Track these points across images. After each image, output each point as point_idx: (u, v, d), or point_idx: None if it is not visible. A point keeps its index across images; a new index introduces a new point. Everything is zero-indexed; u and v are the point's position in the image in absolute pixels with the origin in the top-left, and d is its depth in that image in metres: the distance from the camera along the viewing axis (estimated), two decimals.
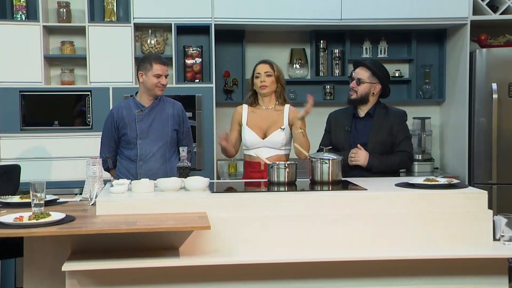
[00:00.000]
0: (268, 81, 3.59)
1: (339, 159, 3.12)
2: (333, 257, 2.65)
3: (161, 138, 3.67)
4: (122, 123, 3.66)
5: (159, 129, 3.66)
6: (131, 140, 3.65)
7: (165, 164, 3.67)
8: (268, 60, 3.70)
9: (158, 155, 3.66)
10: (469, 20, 4.81)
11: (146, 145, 3.65)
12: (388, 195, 2.83)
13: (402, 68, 5.32)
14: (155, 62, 3.62)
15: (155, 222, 2.50)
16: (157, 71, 3.61)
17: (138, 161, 3.65)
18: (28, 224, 2.44)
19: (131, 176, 3.58)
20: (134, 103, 3.70)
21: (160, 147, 3.66)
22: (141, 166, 3.65)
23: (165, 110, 3.71)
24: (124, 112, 3.68)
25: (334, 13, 4.76)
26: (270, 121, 3.59)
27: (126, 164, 3.69)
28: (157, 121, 3.67)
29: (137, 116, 3.66)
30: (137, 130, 3.64)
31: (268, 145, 3.54)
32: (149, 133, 3.65)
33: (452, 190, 2.91)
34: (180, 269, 2.59)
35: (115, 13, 4.77)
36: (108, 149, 3.74)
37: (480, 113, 4.78)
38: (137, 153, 3.65)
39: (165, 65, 3.66)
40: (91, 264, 2.48)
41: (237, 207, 2.73)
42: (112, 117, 3.71)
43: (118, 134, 3.69)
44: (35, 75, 4.56)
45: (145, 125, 3.65)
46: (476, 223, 2.80)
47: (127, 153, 3.69)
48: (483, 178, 4.78)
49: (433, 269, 2.75)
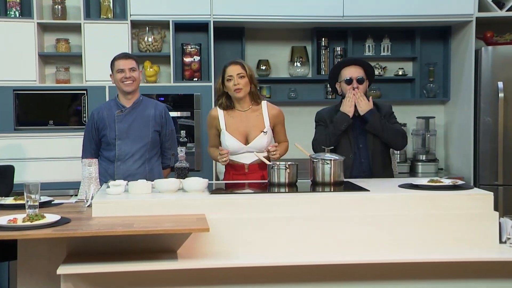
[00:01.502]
0: (242, 83, 3.47)
1: (341, 160, 3.12)
2: (335, 260, 2.65)
3: (141, 139, 3.69)
4: (102, 124, 3.70)
5: (139, 130, 3.69)
6: (110, 141, 3.68)
7: (144, 165, 3.69)
8: (239, 60, 3.58)
9: (137, 156, 3.68)
10: (474, 17, 4.81)
11: (124, 145, 3.67)
12: (391, 197, 2.83)
13: (405, 66, 5.32)
14: (116, 59, 3.71)
15: (153, 224, 2.50)
16: (119, 66, 3.66)
17: (116, 161, 3.68)
18: (22, 226, 2.44)
19: (109, 176, 3.60)
20: (115, 103, 3.74)
21: (140, 148, 3.69)
22: (119, 166, 3.68)
23: (147, 111, 3.72)
24: (104, 113, 3.72)
25: (336, 10, 4.76)
26: (250, 125, 3.52)
27: (104, 165, 3.70)
28: (137, 122, 3.69)
29: (117, 116, 3.69)
30: (116, 130, 3.67)
31: (252, 150, 3.47)
32: (128, 134, 3.68)
33: (457, 191, 2.91)
34: (178, 273, 2.59)
35: (112, 9, 4.77)
36: (90, 151, 3.76)
37: (486, 112, 4.78)
38: (115, 154, 3.68)
39: (128, 59, 3.69)
40: (87, 267, 2.48)
41: (236, 209, 2.73)
42: (93, 118, 3.74)
43: (98, 135, 3.72)
44: (30, 73, 4.57)
45: (124, 126, 3.68)
46: (482, 225, 2.80)
47: (106, 154, 3.72)
48: (489, 179, 4.78)
49: (437, 273, 2.75)
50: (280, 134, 3.62)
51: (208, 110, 4.62)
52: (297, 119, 4.85)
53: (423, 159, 5.13)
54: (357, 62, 3.66)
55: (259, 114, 3.56)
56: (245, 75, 3.49)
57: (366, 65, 3.65)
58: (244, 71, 3.49)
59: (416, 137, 5.22)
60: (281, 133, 3.62)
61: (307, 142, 3.67)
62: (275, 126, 3.58)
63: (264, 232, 2.71)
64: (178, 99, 4.69)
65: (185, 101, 4.68)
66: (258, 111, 3.56)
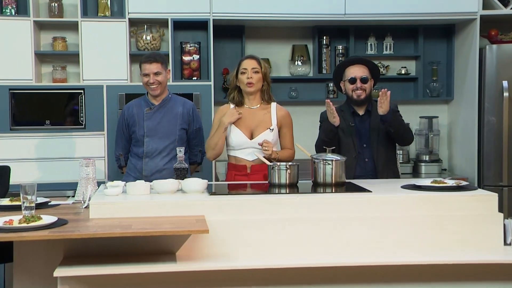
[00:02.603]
0: (255, 78, 3.51)
1: (343, 160, 3.12)
2: (336, 262, 2.66)
3: (168, 137, 3.82)
4: (132, 121, 3.85)
5: (167, 127, 3.82)
6: (139, 138, 3.83)
7: (172, 161, 3.75)
8: (255, 56, 3.63)
9: (165, 152, 3.82)
10: (478, 15, 4.81)
11: (152, 142, 3.81)
12: (394, 198, 2.84)
13: (408, 65, 5.32)
14: (142, 61, 3.81)
15: (151, 225, 2.50)
16: (144, 70, 3.78)
17: (144, 158, 3.82)
18: (18, 228, 2.45)
19: (137, 172, 3.81)
20: (145, 101, 3.88)
21: (167, 145, 3.81)
22: (147, 163, 3.82)
23: (175, 108, 3.86)
24: (134, 110, 3.87)
25: (338, 8, 4.76)
26: (257, 121, 3.55)
27: (134, 161, 3.88)
28: (165, 120, 3.83)
29: (146, 114, 3.82)
30: (145, 127, 3.80)
31: (256, 146, 3.48)
32: (157, 131, 3.81)
33: (461, 192, 2.91)
34: (177, 275, 2.59)
35: (109, 7, 4.77)
36: (121, 147, 3.96)
37: (490, 112, 4.79)
38: (144, 150, 3.81)
39: (152, 63, 3.76)
40: (84, 270, 2.48)
41: (236, 210, 2.74)
42: (123, 115, 3.91)
43: (128, 132, 3.89)
44: (26, 72, 4.57)
45: (153, 123, 3.81)
46: (486, 227, 2.81)
47: (135, 151, 3.88)
48: (493, 180, 4.78)
49: (441, 275, 2.75)
50: (286, 138, 3.60)
51: (207, 110, 4.68)
52: (298, 119, 4.82)
53: (426, 159, 5.13)
54: (361, 61, 3.67)
55: (267, 112, 3.58)
56: (259, 71, 3.53)
57: (371, 64, 3.66)
58: (259, 66, 3.54)
59: (419, 137, 5.22)
60: (286, 137, 3.60)
61: (308, 142, 3.67)
62: (281, 127, 3.58)
63: (265, 233, 2.71)
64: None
65: None
66: (266, 110, 3.59)
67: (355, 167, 3.53)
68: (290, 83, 5.22)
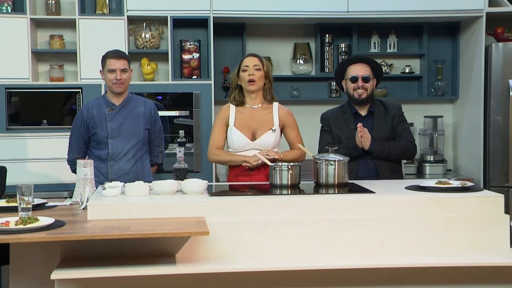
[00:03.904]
0: (257, 75, 3.51)
1: (346, 160, 3.13)
2: (339, 264, 2.66)
3: (133, 137, 3.76)
4: (92, 123, 3.74)
5: (130, 128, 3.75)
6: (102, 140, 3.74)
7: (137, 163, 3.75)
8: (257, 54, 3.64)
9: (130, 154, 3.76)
10: (484, 12, 4.81)
11: (117, 144, 3.73)
12: (397, 199, 2.84)
13: (412, 63, 5.32)
14: (108, 56, 3.72)
15: (150, 227, 2.50)
16: (110, 66, 3.68)
17: (109, 160, 3.74)
18: (15, 230, 2.45)
19: (102, 175, 3.67)
20: (105, 101, 3.78)
21: (132, 147, 3.76)
22: (112, 165, 3.74)
23: (137, 108, 3.79)
24: (94, 111, 3.76)
25: (340, 5, 4.76)
26: (259, 122, 3.54)
27: (96, 164, 3.69)
28: (128, 120, 3.76)
29: (108, 115, 3.74)
30: (108, 129, 3.72)
31: (258, 147, 3.48)
32: (120, 132, 3.74)
33: (466, 193, 2.91)
34: (176, 277, 2.59)
35: (107, 5, 4.78)
36: (77, 149, 3.80)
37: (496, 111, 4.79)
38: (109, 153, 3.73)
39: (120, 59, 3.70)
40: (82, 272, 2.48)
41: (237, 211, 2.74)
42: (82, 116, 3.78)
43: (88, 133, 3.77)
44: (22, 71, 4.57)
45: (116, 124, 3.73)
46: (492, 229, 2.81)
47: (97, 153, 3.77)
48: (500, 181, 4.78)
49: (445, 278, 2.75)
50: (292, 137, 3.60)
51: (207, 109, 4.68)
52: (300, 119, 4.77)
53: (430, 160, 5.13)
54: (364, 60, 3.67)
55: (269, 112, 3.58)
56: (261, 69, 3.53)
57: (373, 63, 3.66)
58: (261, 64, 3.54)
59: (423, 137, 5.22)
60: (292, 137, 3.60)
61: (310, 143, 3.68)
62: (284, 127, 3.58)
63: (266, 235, 2.71)
64: (177, 98, 4.70)
65: (183, 100, 4.68)
66: (268, 110, 3.59)
67: (357, 168, 3.53)
68: (291, 82, 5.23)
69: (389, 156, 3.55)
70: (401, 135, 3.63)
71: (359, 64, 3.64)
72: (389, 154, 3.55)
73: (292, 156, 3.52)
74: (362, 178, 3.47)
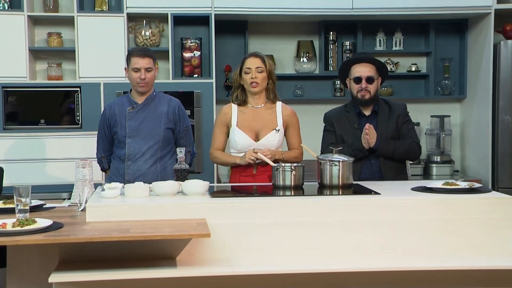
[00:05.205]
0: (259, 77, 3.50)
1: (350, 161, 3.12)
2: (343, 267, 2.66)
3: (152, 137, 3.71)
4: (114, 121, 3.73)
5: (150, 128, 3.71)
6: (121, 139, 3.72)
7: (156, 164, 3.71)
8: (259, 53, 3.61)
9: (148, 155, 3.71)
10: (493, 9, 4.81)
11: (135, 144, 3.70)
12: (403, 200, 2.83)
13: (419, 61, 5.32)
14: (133, 55, 3.68)
15: (150, 229, 2.51)
16: (135, 65, 3.65)
17: (127, 160, 3.71)
18: (12, 232, 2.45)
19: (120, 176, 3.67)
20: (128, 99, 3.76)
21: (150, 147, 3.71)
22: (129, 166, 3.70)
23: (159, 107, 3.75)
24: (116, 109, 3.74)
25: (345, 2, 4.76)
26: (262, 122, 3.54)
27: (116, 164, 3.76)
28: (149, 119, 3.72)
29: (128, 113, 3.71)
30: (127, 128, 3.70)
31: (261, 148, 3.46)
32: (139, 132, 3.70)
33: (474, 195, 2.91)
34: (177, 280, 2.60)
35: (107, 2, 4.79)
36: (102, 148, 3.83)
37: (505, 110, 4.78)
38: (125, 153, 3.71)
39: (145, 58, 3.66)
40: (80, 275, 2.49)
41: (239, 213, 2.74)
42: (105, 114, 3.78)
43: (110, 132, 3.76)
44: (20, 69, 4.58)
45: (136, 123, 3.70)
46: (500, 231, 2.80)
47: (118, 153, 3.76)
48: (508, 182, 4.78)
49: (452, 281, 2.75)
50: (292, 138, 3.60)
51: (209, 109, 4.68)
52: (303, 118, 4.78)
53: (437, 160, 5.13)
54: (368, 59, 3.67)
55: (273, 112, 3.57)
56: (264, 70, 3.52)
57: (377, 62, 3.66)
58: (263, 65, 3.52)
59: (430, 137, 5.22)
60: (293, 137, 3.60)
61: (314, 142, 3.67)
62: (287, 127, 3.58)
63: (268, 237, 2.72)
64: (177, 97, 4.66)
65: (184, 99, 4.64)
66: (271, 109, 3.59)
67: (361, 169, 3.53)
68: (295, 80, 5.23)
69: (394, 155, 3.56)
70: (405, 135, 3.63)
71: (363, 64, 3.64)
72: (394, 153, 3.55)
73: (293, 156, 3.53)
74: (366, 179, 3.47)
